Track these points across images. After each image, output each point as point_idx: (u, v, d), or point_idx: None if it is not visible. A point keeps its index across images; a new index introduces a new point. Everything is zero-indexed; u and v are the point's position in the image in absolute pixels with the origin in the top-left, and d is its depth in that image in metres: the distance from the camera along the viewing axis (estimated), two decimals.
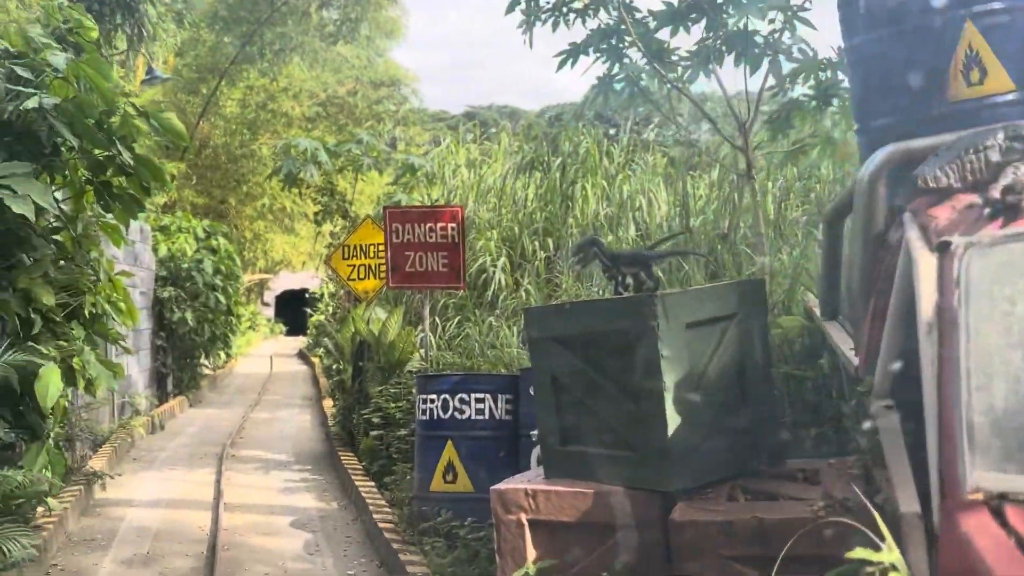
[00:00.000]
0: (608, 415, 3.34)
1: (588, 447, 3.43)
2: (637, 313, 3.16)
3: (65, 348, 4.68)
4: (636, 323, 3.15)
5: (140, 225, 11.67)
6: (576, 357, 3.42)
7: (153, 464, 8.31)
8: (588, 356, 3.38)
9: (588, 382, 3.39)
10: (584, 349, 3.39)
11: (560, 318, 3.55)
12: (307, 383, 17.38)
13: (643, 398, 3.17)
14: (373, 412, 7.56)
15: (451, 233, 7.18)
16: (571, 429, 3.54)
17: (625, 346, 3.23)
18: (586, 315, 3.47)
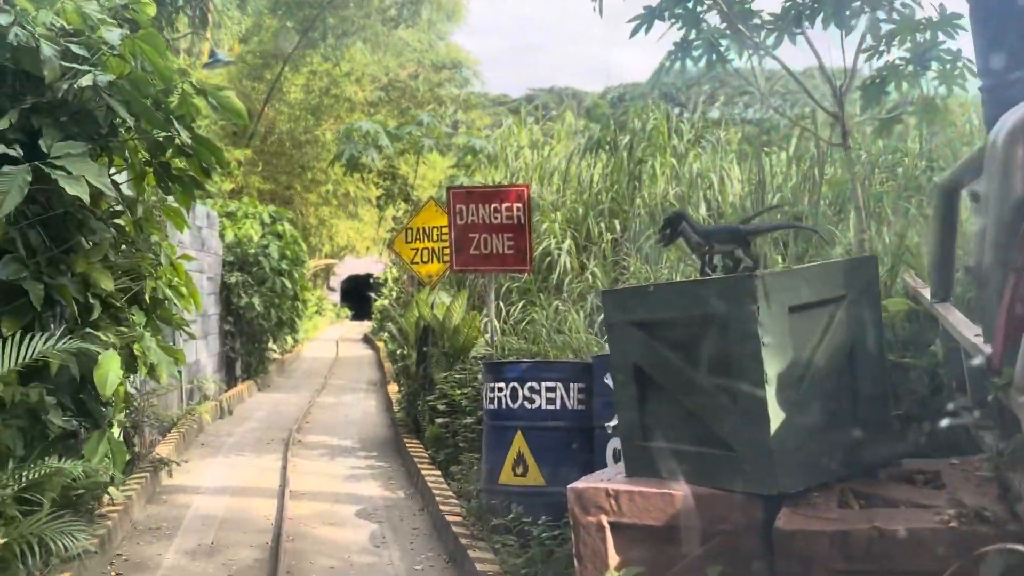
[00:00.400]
0: (699, 409, 3.00)
1: (676, 444, 3.09)
2: (734, 295, 2.80)
3: (126, 334, 4.56)
4: (733, 307, 2.80)
5: (207, 211, 11.73)
6: (662, 344, 3.08)
7: (220, 450, 8.30)
8: (676, 343, 3.03)
9: (676, 372, 3.05)
10: (671, 336, 3.05)
11: (643, 301, 3.21)
12: (372, 367, 17.41)
13: (741, 391, 2.82)
14: (438, 399, 7.36)
15: (517, 213, 6.88)
16: (656, 424, 3.21)
17: (720, 333, 2.88)
18: (674, 298, 3.12)
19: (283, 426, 9.73)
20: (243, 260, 12.96)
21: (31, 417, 3.94)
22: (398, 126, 13.41)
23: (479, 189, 7.06)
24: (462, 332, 8.05)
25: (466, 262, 7.12)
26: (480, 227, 6.97)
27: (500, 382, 4.88)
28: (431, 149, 12.85)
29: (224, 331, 12.60)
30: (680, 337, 3.02)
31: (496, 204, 6.92)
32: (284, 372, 16.21)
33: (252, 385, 13.19)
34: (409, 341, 9.00)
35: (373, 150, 12.34)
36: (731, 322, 2.83)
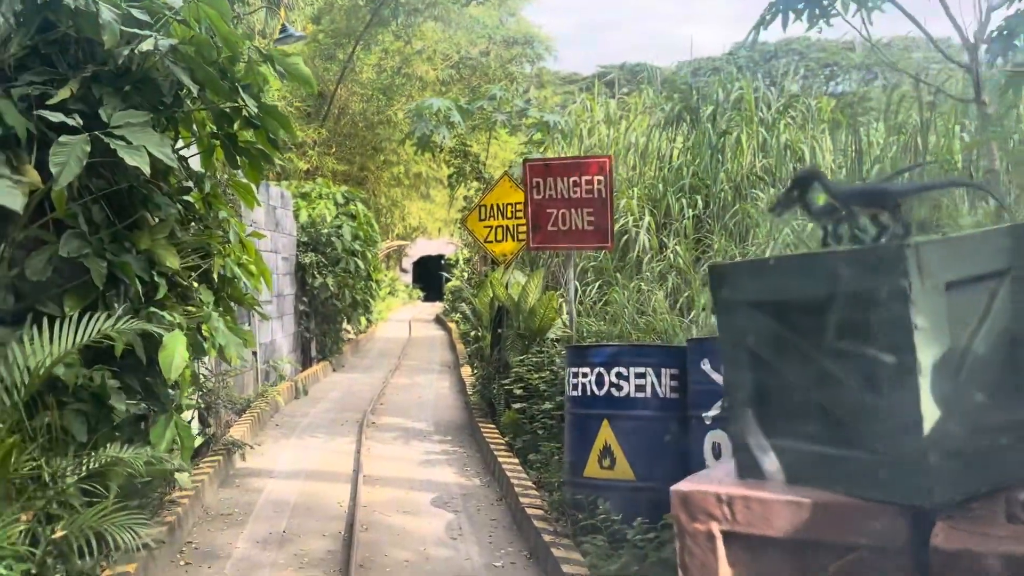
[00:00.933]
0: (832, 404, 2.55)
1: (802, 443, 2.65)
2: (881, 269, 2.33)
3: (193, 314, 4.37)
4: (879, 282, 2.33)
5: (280, 191, 11.68)
6: (786, 328, 2.63)
7: (294, 431, 8.19)
8: (804, 327, 2.58)
9: (803, 361, 2.60)
10: (798, 317, 2.60)
11: (763, 277, 2.76)
12: (444, 348, 17.27)
13: (887, 382, 2.36)
14: (514, 383, 7.04)
15: (598, 187, 6.45)
16: (776, 419, 2.76)
17: (860, 314, 2.42)
18: (802, 273, 2.65)
19: (357, 407, 9.60)
20: (317, 240, 12.90)
21: (96, 401, 3.77)
22: (469, 101, 13.08)
23: (558, 161, 6.67)
24: (538, 313, 7.69)
25: (543, 239, 6.73)
26: (558, 202, 6.57)
27: (584, 367, 4.50)
28: (503, 125, 12.48)
29: (299, 311, 12.59)
30: (809, 319, 2.57)
31: (576, 177, 6.51)
32: (358, 352, 16.22)
33: (327, 365, 13.17)
34: (483, 323, 8.70)
35: (444, 128, 12.05)
36: (875, 301, 2.36)
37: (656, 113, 13.41)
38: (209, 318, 4.31)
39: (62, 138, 3.54)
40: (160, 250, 4.22)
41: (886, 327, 2.34)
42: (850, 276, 2.44)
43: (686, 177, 10.78)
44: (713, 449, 4.09)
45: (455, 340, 17.07)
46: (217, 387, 7.49)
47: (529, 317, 7.73)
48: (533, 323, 7.70)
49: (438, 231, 30.76)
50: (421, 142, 12.35)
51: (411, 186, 23.08)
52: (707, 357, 4.13)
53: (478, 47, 22.28)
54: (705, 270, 8.69)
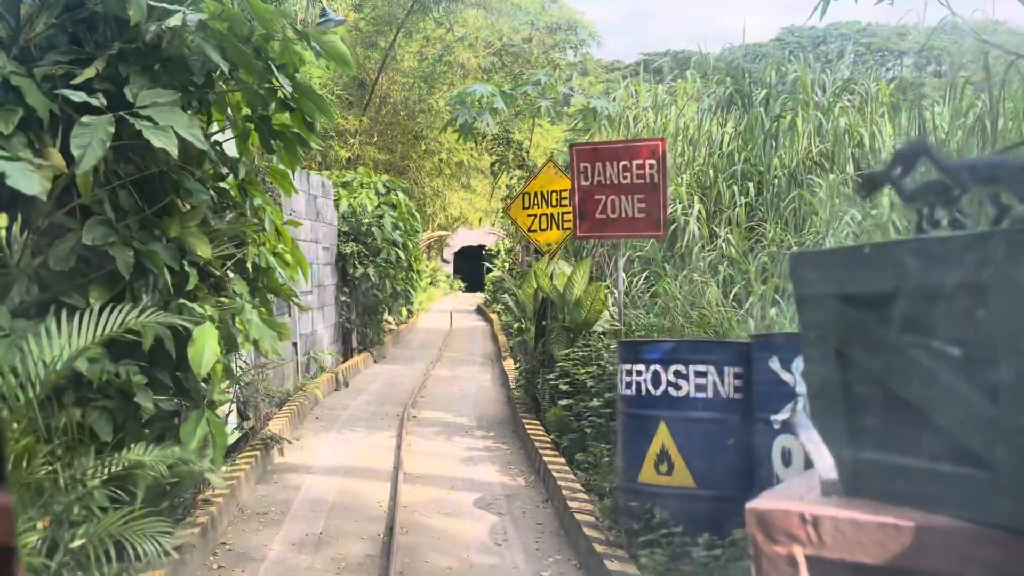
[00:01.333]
0: (939, 413, 2.19)
1: (902, 457, 2.30)
2: (1007, 258, 1.98)
3: (226, 306, 4.16)
4: (1002, 272, 1.97)
5: (321, 179, 11.52)
6: (882, 325, 2.28)
7: (334, 424, 8.01)
8: (905, 324, 2.23)
9: (905, 363, 2.25)
10: (899, 313, 2.24)
11: (855, 267, 2.40)
12: (486, 339, 17.05)
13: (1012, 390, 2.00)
14: (559, 378, 6.74)
15: (650, 171, 6.09)
16: (870, 429, 2.41)
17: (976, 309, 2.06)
18: (904, 261, 2.30)
19: (398, 400, 9.40)
20: (357, 230, 12.73)
21: (123, 398, 3.58)
22: (513, 87, 12.76)
23: (607, 145, 6.33)
24: (584, 305, 7.37)
25: (591, 228, 6.40)
26: (607, 188, 6.23)
27: (639, 364, 4.17)
28: (548, 111, 12.13)
29: (340, 302, 12.46)
30: (912, 315, 2.21)
31: (626, 161, 6.16)
32: (400, 343, 16.08)
33: (368, 356, 13.03)
34: (526, 314, 8.41)
35: (488, 114, 11.74)
36: (998, 294, 2.00)
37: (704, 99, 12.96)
38: (242, 310, 4.09)
39: (84, 118, 3.33)
40: (191, 238, 4.01)
41: (1010, 324, 1.98)
42: (967, 265, 2.08)
43: (738, 163, 10.34)
44: (783, 456, 3.74)
45: (497, 331, 16.84)
46: (256, 380, 7.34)
47: (575, 309, 7.42)
48: (579, 315, 7.39)
49: (479, 221, 30.53)
50: (463, 129, 12.06)
51: (452, 175, 22.86)
52: (775, 355, 3.78)
53: (521, 34, 21.91)
54: (761, 260, 8.28)
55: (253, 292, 4.86)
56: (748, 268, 8.09)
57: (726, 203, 9.89)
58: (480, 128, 12.13)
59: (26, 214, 3.62)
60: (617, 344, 4.62)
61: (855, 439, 2.51)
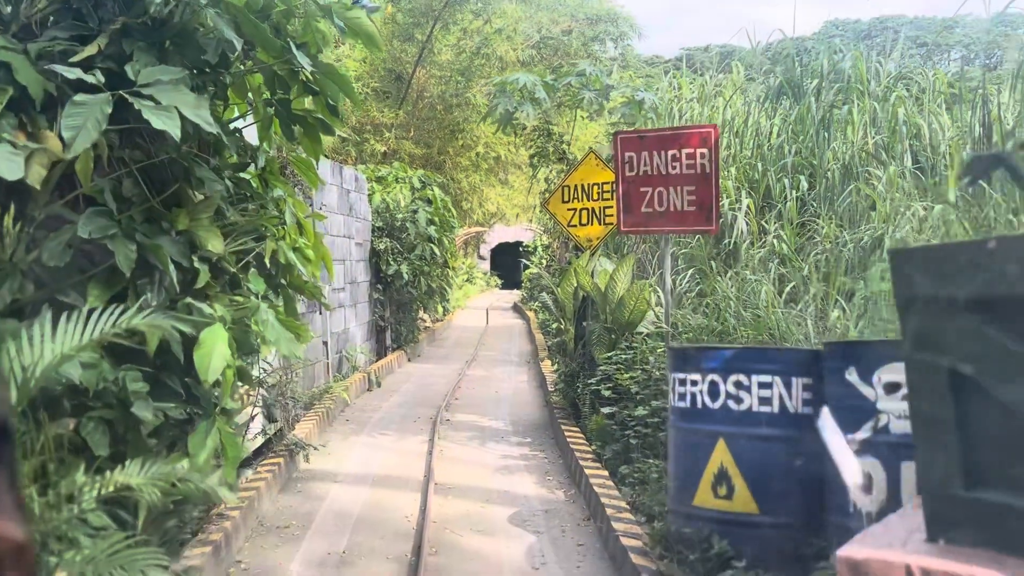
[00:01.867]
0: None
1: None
2: None
3: (240, 305, 3.82)
4: None
5: (354, 173, 11.23)
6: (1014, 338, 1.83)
7: (364, 427, 7.68)
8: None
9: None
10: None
11: (978, 265, 1.95)
12: (523, 338, 16.66)
13: None
14: (601, 383, 6.31)
15: (701, 161, 5.62)
16: (992, 464, 1.97)
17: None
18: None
19: (431, 402, 9.06)
20: (391, 226, 12.43)
21: (123, 407, 3.26)
22: (556, 77, 12.34)
23: (654, 133, 5.88)
24: (628, 305, 6.93)
25: (636, 222, 5.95)
26: (655, 179, 5.78)
27: (695, 373, 3.73)
28: (591, 102, 11.68)
29: (374, 299, 12.17)
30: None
31: (675, 151, 5.70)
32: (434, 341, 15.77)
33: (402, 355, 12.73)
34: (565, 314, 7.99)
35: (529, 104, 11.34)
36: None
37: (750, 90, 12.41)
38: (257, 310, 3.75)
39: (77, 97, 3.00)
40: (202, 231, 3.67)
41: None
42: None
43: (788, 156, 9.80)
44: (865, 483, 3.27)
45: (534, 330, 16.45)
46: (282, 381, 7.05)
47: (617, 309, 6.98)
48: (622, 316, 6.95)
49: (516, 217, 30.16)
50: (503, 120, 11.68)
51: (489, 170, 22.50)
52: (853, 365, 3.31)
53: (560, 25, 21.45)
54: (815, 259, 7.76)
55: (276, 290, 4.54)
56: (802, 266, 7.59)
57: (776, 197, 9.37)
58: (521, 119, 11.75)
59: (22, 205, 3.31)
60: (668, 350, 4.17)
61: (972, 478, 2.06)
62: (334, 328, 9.95)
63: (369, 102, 17.56)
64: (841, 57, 11.32)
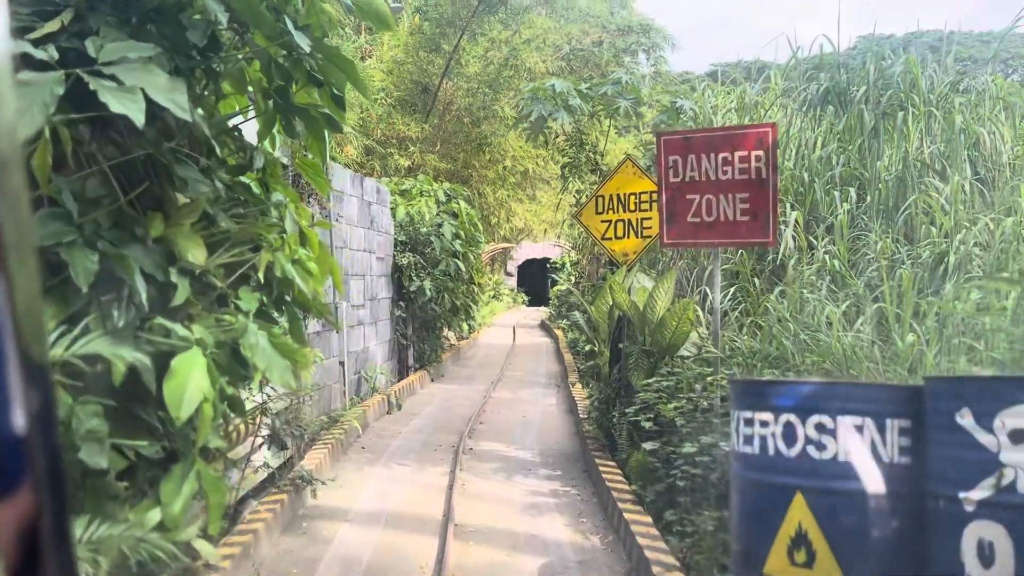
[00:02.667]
0: None
1: None
2: None
3: (228, 327, 3.27)
4: None
5: (376, 184, 10.74)
6: None
7: (381, 457, 7.11)
8: None
9: None
10: None
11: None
12: (551, 357, 16.02)
13: None
14: (640, 412, 5.68)
15: (756, 165, 5.01)
16: None
17: None
18: None
19: (453, 427, 8.47)
20: (415, 240, 11.92)
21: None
22: (590, 86, 11.80)
23: (703, 134, 5.28)
24: (669, 325, 6.30)
25: (681, 233, 5.33)
26: (702, 186, 5.18)
27: (765, 412, 3.10)
28: (627, 112, 11.10)
29: (395, 317, 11.63)
30: None
31: (726, 153, 5.09)
32: (460, 360, 15.21)
33: (424, 375, 12.16)
34: (599, 335, 7.37)
35: (563, 112, 10.79)
36: None
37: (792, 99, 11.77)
38: (244, 331, 3.19)
39: (23, 74, 2.48)
40: (182, 240, 3.14)
41: None
42: None
43: (836, 166, 9.15)
44: (980, 551, 2.62)
45: (562, 349, 15.82)
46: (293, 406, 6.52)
47: (657, 330, 6.35)
48: (662, 337, 6.32)
49: (544, 233, 29.60)
50: (535, 126, 11.15)
51: (516, 185, 21.99)
52: (967, 406, 2.67)
53: (590, 37, 20.96)
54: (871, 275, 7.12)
55: (279, 307, 4.01)
56: (856, 284, 6.93)
57: (823, 210, 8.73)
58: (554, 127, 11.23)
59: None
60: (730, 383, 3.54)
61: None
62: (352, 347, 9.42)
63: (394, 115, 17.15)
64: (890, 63, 10.64)
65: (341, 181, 9.01)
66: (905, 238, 8.04)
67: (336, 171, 8.88)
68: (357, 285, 9.63)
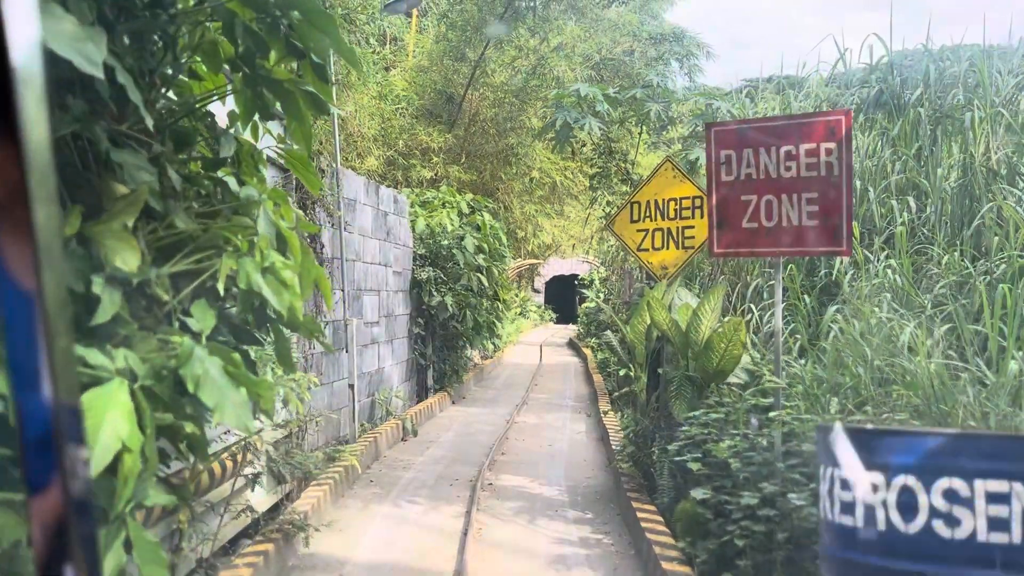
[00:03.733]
0: None
1: None
2: None
3: (173, 349, 2.58)
4: None
5: (393, 193, 10.08)
6: None
7: (390, 493, 6.37)
8: None
9: None
10: None
11: None
12: (579, 379, 15.21)
13: None
14: (686, 449, 4.87)
15: (826, 160, 4.23)
16: None
17: None
18: None
19: (472, 457, 7.72)
20: (436, 254, 11.23)
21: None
22: (619, 89, 11.09)
23: (762, 123, 4.50)
24: (716, 348, 5.49)
25: (734, 241, 4.55)
26: (762, 184, 4.40)
27: (873, 472, 2.31)
28: (658, 116, 10.35)
29: (414, 335, 10.93)
30: None
31: (790, 146, 4.32)
32: (483, 380, 14.46)
33: (444, 397, 11.43)
34: (635, 357, 6.58)
35: (590, 119, 10.08)
36: None
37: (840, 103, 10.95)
38: (189, 358, 2.48)
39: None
40: (110, 241, 2.45)
41: None
42: None
43: (892, 174, 8.32)
44: None
45: (591, 369, 15.02)
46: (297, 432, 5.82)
47: (703, 353, 5.56)
48: (709, 362, 5.52)
49: (572, 248, 28.84)
50: (561, 134, 10.45)
51: (544, 198, 21.27)
52: None
53: (621, 46, 20.25)
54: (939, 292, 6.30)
55: (261, 324, 3.30)
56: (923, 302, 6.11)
57: (878, 221, 7.89)
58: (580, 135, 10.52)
59: None
60: (818, 432, 2.73)
61: None
62: (366, 368, 8.72)
63: (416, 125, 16.56)
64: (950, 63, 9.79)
65: (354, 188, 8.36)
66: (976, 250, 7.22)
67: (349, 178, 8.23)
68: (371, 301, 8.95)
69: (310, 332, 3.66)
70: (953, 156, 8.39)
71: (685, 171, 6.50)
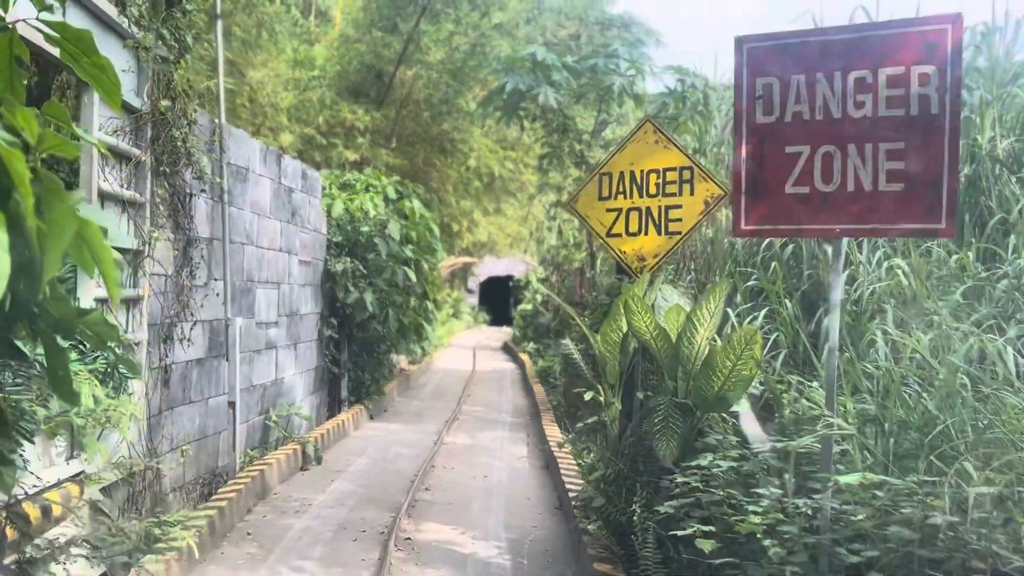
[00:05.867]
0: None
1: None
2: None
3: None
4: None
5: (302, 167, 8.35)
6: None
7: (269, 556, 4.69)
8: None
9: None
10: None
11: None
12: (516, 388, 13.69)
13: None
14: (687, 515, 3.38)
15: (920, 91, 2.80)
16: None
17: None
18: None
19: (388, 494, 6.11)
20: (354, 242, 9.54)
21: None
22: (579, 58, 9.65)
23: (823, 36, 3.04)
24: (719, 366, 4.02)
25: (773, 213, 3.09)
26: (818, 129, 2.95)
27: None
28: (622, 90, 8.93)
29: (325, 337, 9.20)
30: None
31: (864, 71, 2.88)
32: (409, 389, 12.80)
33: (361, 411, 9.73)
34: (606, 376, 5.05)
35: (547, 87, 8.59)
36: None
37: None
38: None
39: None
40: None
41: None
42: None
43: None
44: None
45: (530, 377, 13.54)
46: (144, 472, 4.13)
47: (702, 373, 4.08)
48: (708, 385, 4.05)
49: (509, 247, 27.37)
50: (509, 103, 8.92)
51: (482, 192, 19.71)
52: None
53: (567, 30, 18.87)
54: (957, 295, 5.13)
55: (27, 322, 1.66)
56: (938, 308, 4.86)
57: None
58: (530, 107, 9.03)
59: None
60: None
61: None
62: (258, 379, 6.99)
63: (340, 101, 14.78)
64: None
65: (245, 154, 6.63)
66: (993, 246, 6.15)
67: (240, 139, 6.50)
68: (268, 295, 7.23)
69: (98, 337, 2.01)
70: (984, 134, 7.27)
71: (669, 136, 5.03)
